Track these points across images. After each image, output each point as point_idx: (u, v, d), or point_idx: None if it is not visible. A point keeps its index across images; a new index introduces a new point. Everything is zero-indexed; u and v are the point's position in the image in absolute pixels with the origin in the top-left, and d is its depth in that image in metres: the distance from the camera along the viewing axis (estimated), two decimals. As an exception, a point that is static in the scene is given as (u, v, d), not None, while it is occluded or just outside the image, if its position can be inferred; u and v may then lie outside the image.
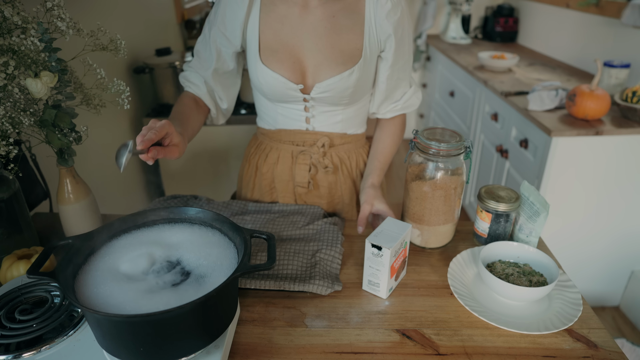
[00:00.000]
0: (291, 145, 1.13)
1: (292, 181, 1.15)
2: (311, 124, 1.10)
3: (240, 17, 0.98)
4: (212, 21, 1.02)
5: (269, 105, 1.11)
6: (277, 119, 1.12)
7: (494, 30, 3.25)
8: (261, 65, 1.00)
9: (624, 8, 2.05)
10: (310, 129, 1.11)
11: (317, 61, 1.00)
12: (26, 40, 0.77)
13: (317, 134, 1.11)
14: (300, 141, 1.12)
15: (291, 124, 1.11)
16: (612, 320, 2.06)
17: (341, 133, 1.13)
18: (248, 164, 1.22)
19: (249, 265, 0.65)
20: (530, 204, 0.91)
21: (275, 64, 1.00)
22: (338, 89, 1.01)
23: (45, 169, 1.14)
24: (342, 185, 1.16)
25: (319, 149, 1.11)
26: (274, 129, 1.14)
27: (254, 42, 1.00)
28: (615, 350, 0.73)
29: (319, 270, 0.87)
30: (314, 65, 1.00)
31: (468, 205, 2.80)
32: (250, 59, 1.03)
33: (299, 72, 1.01)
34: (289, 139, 1.13)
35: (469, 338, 0.75)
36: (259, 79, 1.03)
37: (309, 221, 1.04)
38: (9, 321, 0.71)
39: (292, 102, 1.06)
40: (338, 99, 1.04)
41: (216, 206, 1.11)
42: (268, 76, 1.01)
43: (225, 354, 0.68)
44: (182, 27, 2.72)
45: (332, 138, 1.12)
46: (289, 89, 1.02)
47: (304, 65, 1.01)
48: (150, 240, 0.75)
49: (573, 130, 1.68)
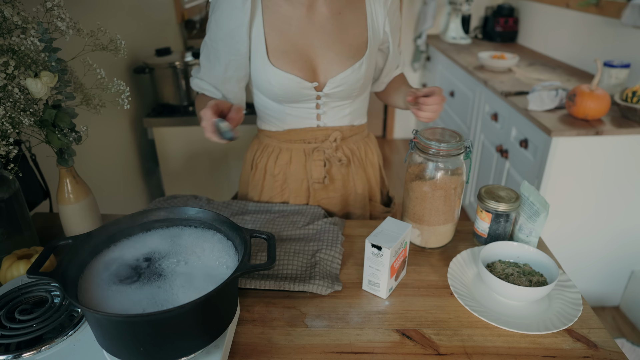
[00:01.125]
0: (303, 144, 1.14)
1: (307, 179, 1.15)
2: (322, 120, 1.11)
3: (244, 23, 0.98)
4: (215, 33, 1.00)
5: (276, 107, 1.10)
6: (285, 119, 1.11)
7: (494, 30, 3.25)
8: (271, 67, 1.00)
9: (624, 8, 2.05)
10: (322, 125, 1.12)
11: (328, 58, 1.02)
12: (26, 40, 0.77)
13: (328, 129, 1.13)
14: (312, 138, 1.13)
15: (301, 122, 1.11)
16: (612, 320, 2.06)
17: (349, 125, 1.15)
18: (254, 169, 1.20)
19: (249, 265, 0.65)
20: (530, 204, 0.91)
21: (287, 64, 1.00)
22: (350, 82, 1.04)
23: (45, 169, 1.14)
24: (355, 176, 1.18)
25: (331, 143, 1.12)
26: (282, 130, 1.13)
27: (260, 45, 1.00)
28: (615, 350, 0.73)
29: (319, 270, 0.87)
30: (325, 62, 1.02)
31: (468, 205, 2.80)
32: (257, 62, 1.02)
33: (311, 71, 1.02)
34: (300, 138, 1.13)
35: (469, 338, 0.75)
36: (270, 82, 1.02)
37: (309, 221, 1.04)
38: (9, 321, 0.71)
39: (304, 101, 1.07)
40: (350, 92, 1.07)
41: (216, 206, 1.11)
42: (281, 77, 1.01)
43: (225, 354, 0.68)
44: (182, 27, 2.72)
45: (343, 131, 1.14)
46: (304, 88, 1.03)
47: (315, 63, 1.02)
48: (150, 240, 0.75)
49: (573, 130, 1.68)
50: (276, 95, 1.05)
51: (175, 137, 2.00)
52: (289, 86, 1.02)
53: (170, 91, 1.99)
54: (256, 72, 1.04)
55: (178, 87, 1.97)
